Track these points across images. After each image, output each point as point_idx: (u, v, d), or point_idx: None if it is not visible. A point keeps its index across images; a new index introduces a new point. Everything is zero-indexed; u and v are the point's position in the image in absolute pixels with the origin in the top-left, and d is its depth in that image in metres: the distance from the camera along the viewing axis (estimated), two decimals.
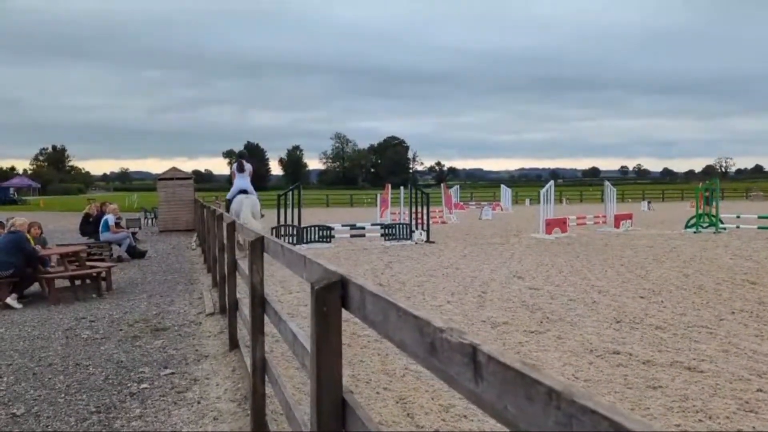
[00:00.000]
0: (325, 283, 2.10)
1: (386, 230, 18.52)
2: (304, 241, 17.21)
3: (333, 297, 2.09)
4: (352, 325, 6.72)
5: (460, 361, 1.24)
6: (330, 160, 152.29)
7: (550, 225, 19.64)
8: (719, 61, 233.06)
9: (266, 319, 4.16)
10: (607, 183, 25.21)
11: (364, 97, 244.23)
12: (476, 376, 1.17)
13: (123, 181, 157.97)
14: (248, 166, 15.37)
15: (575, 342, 6.73)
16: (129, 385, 5.49)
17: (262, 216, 15.61)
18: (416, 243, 17.92)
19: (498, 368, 1.10)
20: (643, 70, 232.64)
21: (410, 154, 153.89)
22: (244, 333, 6.18)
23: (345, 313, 2.09)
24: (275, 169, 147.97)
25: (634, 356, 6.14)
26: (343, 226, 19.82)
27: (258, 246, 4.14)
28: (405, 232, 18.43)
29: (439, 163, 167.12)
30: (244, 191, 14.74)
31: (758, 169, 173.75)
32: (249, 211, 14.15)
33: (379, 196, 29.63)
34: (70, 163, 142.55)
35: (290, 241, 17.09)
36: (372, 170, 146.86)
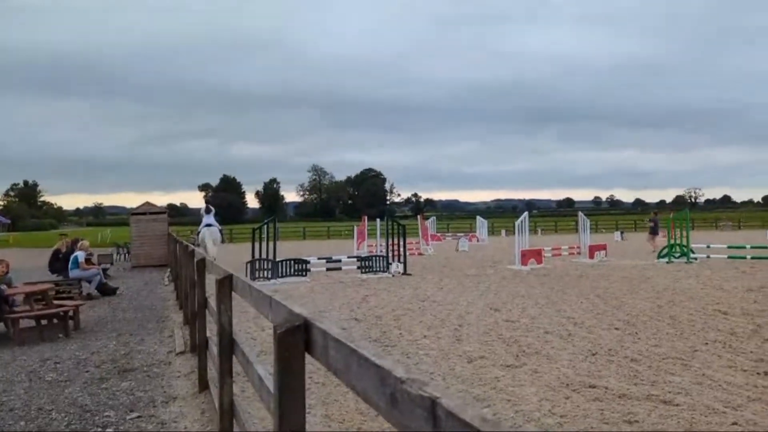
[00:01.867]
0: (287, 326, 2.03)
1: (363, 263, 18.43)
2: (280, 275, 17.01)
3: (296, 341, 2.02)
4: None
5: (420, 414, 1.18)
6: (307, 192, 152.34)
7: (525, 256, 19.73)
8: (690, 95, 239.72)
9: (236, 359, 4.04)
10: (580, 213, 25.48)
11: (343, 130, 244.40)
12: None
13: (96, 216, 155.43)
14: (212, 209, 20.79)
15: (551, 376, 6.67)
16: (93, 430, 5.28)
17: (222, 242, 22.36)
18: (393, 275, 17.83)
19: (457, 424, 1.04)
20: (618, 104, 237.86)
21: (387, 186, 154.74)
22: (214, 373, 6.01)
23: None
24: (252, 202, 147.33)
25: (610, 390, 6.10)
26: (319, 259, 19.69)
27: (226, 284, 4.05)
28: (382, 265, 18.34)
29: (416, 195, 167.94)
30: (209, 225, 19.99)
31: (726, 199, 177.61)
32: (210, 238, 19.34)
33: (356, 228, 29.61)
34: (42, 198, 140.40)
35: (265, 275, 16.90)
36: (349, 202, 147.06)
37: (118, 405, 5.98)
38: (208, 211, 20.46)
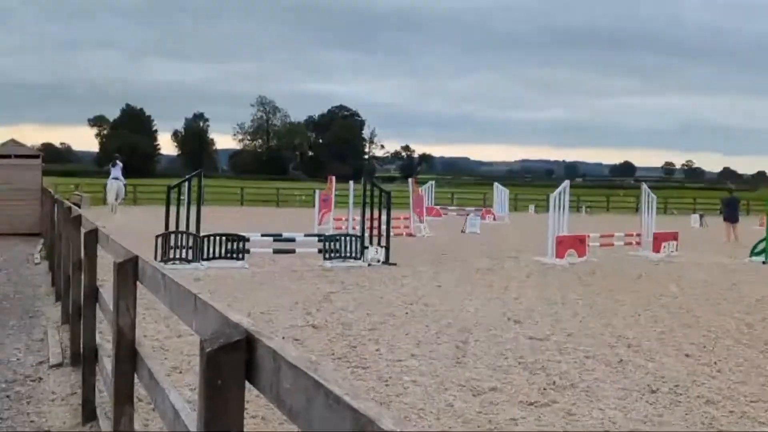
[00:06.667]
0: (222, 342, 2.03)
1: (327, 244, 18.43)
2: (204, 256, 16.98)
3: (233, 363, 2.02)
4: None
5: None
6: (249, 137, 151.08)
7: (562, 244, 19.89)
8: None
9: (138, 379, 4.06)
10: (644, 187, 25.68)
11: (306, 49, 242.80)
12: None
13: None
14: (119, 163, 30.71)
15: (593, 420, 6.79)
16: None
17: (124, 198, 33.15)
18: (370, 264, 17.90)
19: None
20: (705, 29, 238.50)
21: (366, 133, 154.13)
22: (106, 396, 6.03)
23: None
24: (167, 146, 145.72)
25: None
26: (263, 236, 19.64)
27: (129, 270, 4.03)
28: (354, 248, 18.37)
29: (407, 148, 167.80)
30: (116, 178, 29.69)
31: None
32: (114, 192, 29.45)
33: (318, 193, 29.56)
34: None
35: (184, 255, 16.85)
36: (310, 153, 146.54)
37: None
38: (114, 164, 30.28)
